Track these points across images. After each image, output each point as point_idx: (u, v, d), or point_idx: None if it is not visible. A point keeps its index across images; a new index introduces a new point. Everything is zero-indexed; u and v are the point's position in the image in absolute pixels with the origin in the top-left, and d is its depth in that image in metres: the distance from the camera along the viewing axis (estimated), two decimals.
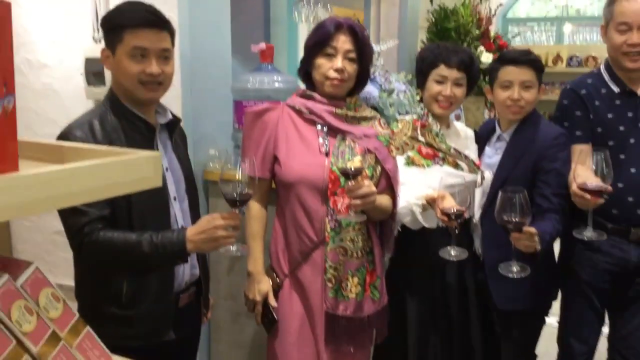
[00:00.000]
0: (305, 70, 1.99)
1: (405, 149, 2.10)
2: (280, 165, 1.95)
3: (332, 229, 1.92)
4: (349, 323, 1.99)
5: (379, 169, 1.98)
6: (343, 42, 1.91)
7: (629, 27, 2.07)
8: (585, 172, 1.81)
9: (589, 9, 7.43)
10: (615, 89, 2.15)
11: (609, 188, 1.77)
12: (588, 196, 1.77)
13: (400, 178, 2.03)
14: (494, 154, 2.21)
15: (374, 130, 2.01)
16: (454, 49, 2.18)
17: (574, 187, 1.82)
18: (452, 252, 1.88)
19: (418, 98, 2.27)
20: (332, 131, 1.96)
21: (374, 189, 1.82)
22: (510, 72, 2.13)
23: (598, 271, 2.16)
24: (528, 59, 2.15)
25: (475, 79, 2.19)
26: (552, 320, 2.37)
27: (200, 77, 2.42)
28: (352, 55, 1.93)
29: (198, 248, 1.67)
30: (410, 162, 2.08)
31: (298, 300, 2.02)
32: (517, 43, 5.55)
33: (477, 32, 3.64)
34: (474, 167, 2.12)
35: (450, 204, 1.81)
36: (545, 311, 2.27)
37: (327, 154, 1.94)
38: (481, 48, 3.55)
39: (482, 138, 2.29)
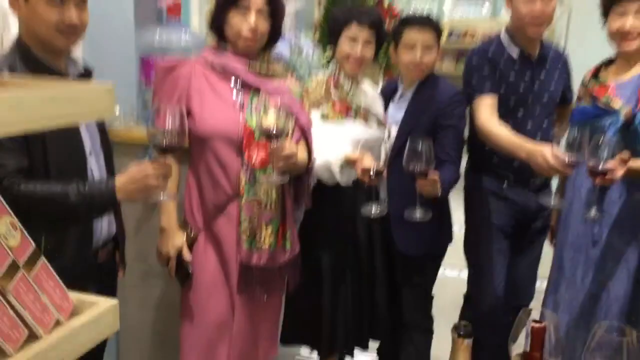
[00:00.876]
0: (218, 25, 2.00)
1: (319, 105, 2.19)
2: (194, 120, 1.95)
3: (247, 182, 1.97)
4: (263, 273, 2.06)
5: (292, 123, 2.05)
6: None
7: None
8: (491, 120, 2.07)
9: None
10: (515, 54, 2.34)
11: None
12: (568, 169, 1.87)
13: (317, 133, 2.11)
14: (397, 111, 2.36)
15: (287, 85, 2.07)
16: (365, 9, 2.32)
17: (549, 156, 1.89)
18: (374, 209, 2.01)
19: (329, 57, 2.36)
20: (246, 86, 1.99)
21: (295, 149, 1.88)
22: (413, 34, 2.28)
23: (506, 217, 2.38)
24: (430, 22, 2.32)
25: (383, 39, 2.30)
26: (454, 272, 2.59)
27: (100, 32, 2.32)
28: (265, 10, 1.96)
29: (129, 197, 1.67)
30: (325, 117, 2.18)
31: (213, 253, 2.06)
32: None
33: (372, 1, 3.79)
34: (382, 124, 2.25)
35: (369, 163, 1.92)
36: (442, 256, 2.47)
37: (241, 109, 1.97)
38: None
39: (386, 97, 2.43)
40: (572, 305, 2.22)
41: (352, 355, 2.51)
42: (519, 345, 1.14)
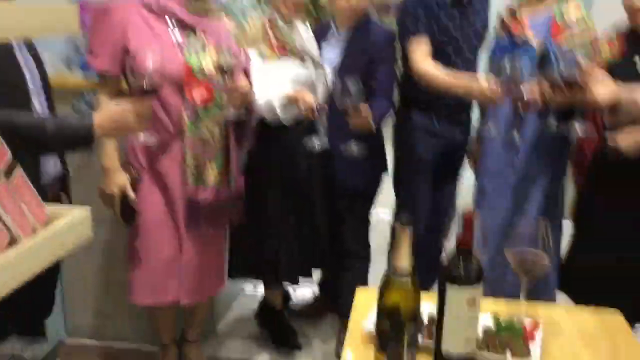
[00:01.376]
0: None
1: (257, 45, 2.22)
2: (133, 59, 1.96)
3: (190, 120, 2.02)
4: (208, 208, 2.14)
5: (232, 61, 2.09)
6: None
7: None
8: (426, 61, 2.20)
9: None
10: None
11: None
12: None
13: (256, 73, 2.16)
14: (331, 51, 2.43)
15: (223, 24, 2.11)
16: None
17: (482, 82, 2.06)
18: (317, 142, 2.09)
19: None
20: (183, 25, 2.01)
21: (248, 85, 1.94)
22: None
23: (435, 151, 2.52)
24: None
25: None
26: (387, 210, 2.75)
27: None
28: None
29: (108, 134, 1.66)
30: (263, 56, 2.22)
31: (157, 192, 2.11)
32: None
33: None
34: (318, 63, 2.33)
35: (311, 99, 2.00)
36: (378, 186, 2.63)
37: (179, 48, 1.99)
38: None
39: (318, 36, 2.48)
40: (493, 231, 2.39)
41: (296, 283, 2.65)
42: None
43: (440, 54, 2.36)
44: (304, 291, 3.13)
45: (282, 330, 2.77)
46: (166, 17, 2.00)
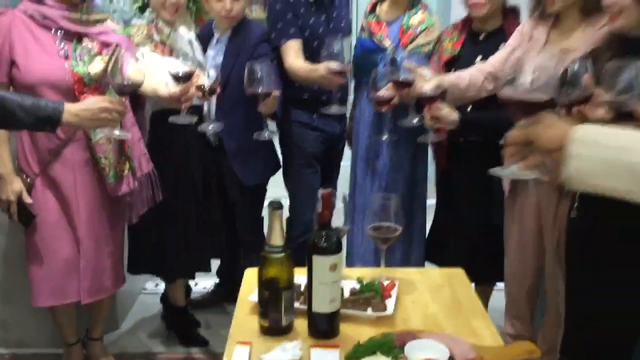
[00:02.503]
0: None
1: (143, 45, 2.35)
2: (19, 69, 2.04)
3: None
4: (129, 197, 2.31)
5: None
6: None
7: None
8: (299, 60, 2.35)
9: None
10: None
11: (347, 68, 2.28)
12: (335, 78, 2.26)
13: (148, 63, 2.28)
14: (215, 55, 2.59)
15: (109, 27, 2.21)
16: None
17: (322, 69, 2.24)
18: (210, 127, 2.20)
19: (139, 4, 2.50)
20: (69, 34, 2.10)
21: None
22: None
23: (317, 144, 2.71)
24: None
25: None
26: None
27: None
28: None
29: (79, 122, 1.80)
30: (153, 50, 2.36)
31: (52, 196, 2.19)
32: None
33: None
34: (200, 64, 2.47)
35: (203, 80, 2.09)
36: (267, 182, 2.82)
37: (66, 57, 2.09)
38: None
39: (203, 40, 2.63)
40: (363, 210, 2.66)
41: (192, 278, 2.83)
42: None
43: (311, 52, 2.54)
44: (205, 283, 3.28)
45: (187, 328, 2.89)
46: (51, 26, 2.08)
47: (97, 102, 1.81)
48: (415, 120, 2.09)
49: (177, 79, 2.00)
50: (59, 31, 2.09)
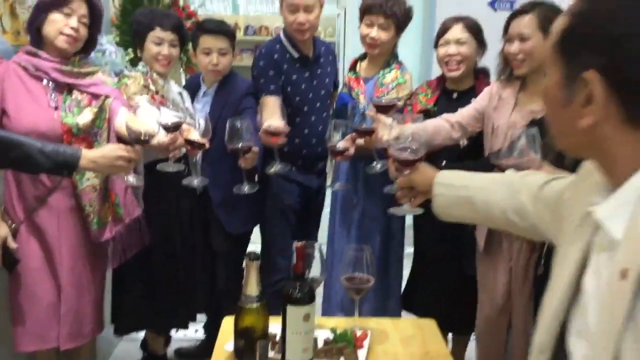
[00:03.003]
0: (37, 25, 2.14)
1: (141, 93, 2.43)
2: (9, 118, 2.10)
3: (77, 173, 2.15)
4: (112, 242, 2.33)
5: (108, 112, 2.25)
6: (79, 6, 2.14)
7: (296, 8, 2.55)
8: (272, 117, 2.30)
9: None
10: (295, 54, 2.67)
11: (285, 129, 2.22)
12: (270, 138, 2.24)
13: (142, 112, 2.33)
14: (202, 108, 2.69)
15: (100, 79, 2.29)
16: (166, 13, 2.58)
17: (260, 131, 2.25)
18: (195, 182, 2.20)
19: (130, 57, 2.61)
20: (60, 86, 2.18)
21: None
22: (209, 41, 2.61)
23: (294, 196, 2.77)
24: (223, 29, 2.65)
25: (186, 40, 2.62)
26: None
27: None
28: (85, 20, 2.17)
29: (95, 168, 1.96)
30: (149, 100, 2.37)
31: (36, 242, 2.23)
32: (202, 12, 6.07)
33: (168, 0, 4.06)
34: (191, 114, 2.57)
35: (195, 136, 2.12)
36: (250, 233, 2.88)
37: (56, 108, 2.15)
38: None
39: (191, 91, 2.75)
40: (341, 259, 2.71)
41: (186, 327, 2.86)
42: None
43: (295, 109, 2.63)
44: (185, 331, 3.27)
45: None
46: (43, 78, 2.15)
47: (114, 150, 1.94)
48: (379, 166, 2.13)
49: (167, 128, 2.06)
50: (50, 82, 2.16)
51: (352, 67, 2.78)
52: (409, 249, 2.79)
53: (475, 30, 2.48)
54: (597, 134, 0.90)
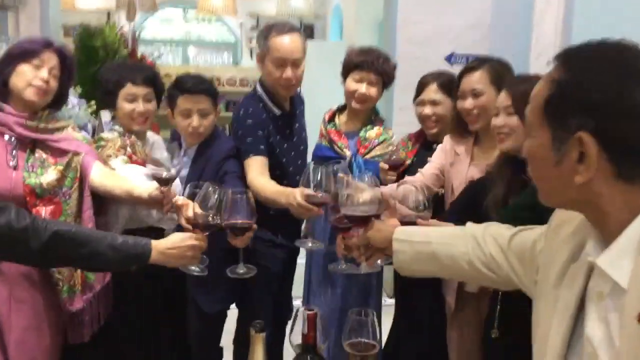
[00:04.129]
0: (3, 79, 2.00)
1: (117, 155, 2.21)
2: None
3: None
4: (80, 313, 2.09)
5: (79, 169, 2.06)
6: (50, 58, 2.01)
7: (284, 62, 2.39)
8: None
9: (208, 35, 8.39)
10: (277, 112, 2.50)
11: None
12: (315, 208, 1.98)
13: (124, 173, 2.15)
14: (180, 166, 2.39)
15: (70, 134, 2.13)
16: (136, 67, 2.38)
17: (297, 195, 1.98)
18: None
19: (93, 109, 2.44)
20: (22, 143, 2.01)
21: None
22: (188, 101, 2.32)
23: (277, 260, 2.57)
24: (204, 88, 2.36)
25: (162, 92, 2.40)
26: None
27: None
28: (56, 72, 2.04)
29: (164, 261, 1.74)
30: (126, 162, 2.21)
31: None
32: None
33: (125, 51, 3.94)
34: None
35: (195, 211, 1.85)
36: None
37: (15, 167, 1.98)
38: None
39: (171, 148, 2.50)
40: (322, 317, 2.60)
41: None
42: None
43: (277, 167, 2.47)
44: None
45: None
46: (4, 133, 1.98)
47: (184, 240, 1.77)
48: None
49: (160, 181, 1.92)
50: (13, 138, 2.00)
51: (331, 119, 2.73)
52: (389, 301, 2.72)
53: (448, 88, 2.49)
54: (589, 189, 0.97)
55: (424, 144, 2.57)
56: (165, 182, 1.92)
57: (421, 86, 2.56)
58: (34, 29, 4.01)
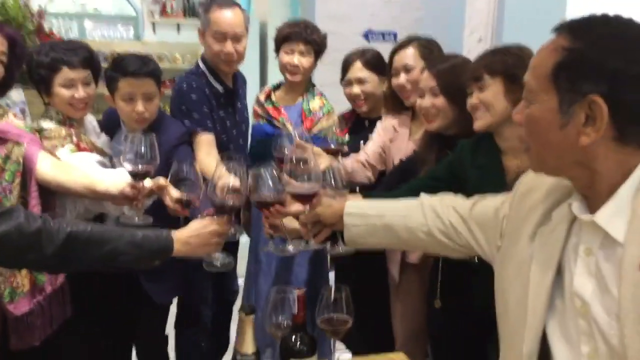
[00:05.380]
0: None
1: (64, 144, 2.07)
2: None
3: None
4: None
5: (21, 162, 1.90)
6: None
7: (223, 36, 2.42)
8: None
9: (105, 8, 7.93)
10: (220, 89, 2.54)
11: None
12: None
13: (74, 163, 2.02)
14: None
15: (10, 121, 1.97)
16: (71, 47, 2.14)
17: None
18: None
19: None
20: None
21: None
22: (130, 85, 2.15)
23: None
24: (148, 70, 2.18)
25: (99, 72, 2.23)
26: None
27: None
28: (4, 58, 1.91)
29: (189, 251, 1.61)
30: (74, 150, 2.08)
31: None
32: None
33: (31, 27, 3.66)
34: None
35: (178, 194, 1.85)
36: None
37: None
38: (39, 43, 3.59)
39: (108, 129, 2.34)
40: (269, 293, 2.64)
41: None
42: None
43: (219, 144, 2.47)
44: None
45: None
46: None
47: (206, 226, 1.63)
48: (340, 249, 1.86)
49: (136, 176, 1.80)
50: None
51: (267, 98, 2.72)
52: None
53: (373, 65, 2.56)
54: (588, 151, 1.05)
55: (356, 123, 2.62)
56: (142, 176, 1.82)
57: (346, 65, 2.61)
58: None
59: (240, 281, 2.90)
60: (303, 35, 2.59)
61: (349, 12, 4.30)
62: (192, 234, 1.62)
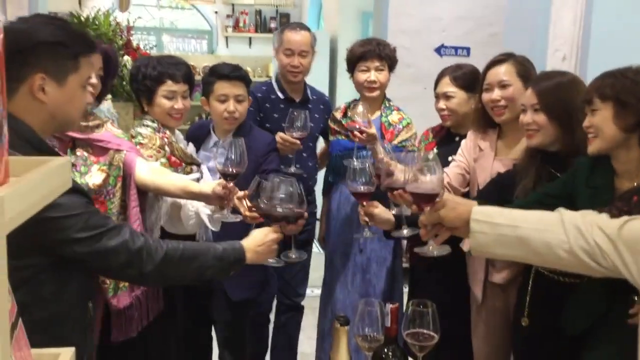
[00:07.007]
0: None
1: (157, 157, 2.20)
2: None
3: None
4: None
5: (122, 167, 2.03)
6: (97, 60, 1.94)
7: (292, 52, 2.83)
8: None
9: (181, 23, 8.25)
10: (281, 96, 2.89)
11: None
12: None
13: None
14: (211, 159, 2.41)
15: (109, 132, 2.08)
16: (174, 62, 2.31)
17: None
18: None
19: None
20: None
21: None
22: (225, 87, 2.40)
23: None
24: (240, 75, 2.45)
25: (193, 88, 2.38)
26: None
27: None
28: (101, 72, 2.03)
29: (257, 259, 1.76)
30: (166, 164, 2.20)
31: None
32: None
33: (121, 41, 3.86)
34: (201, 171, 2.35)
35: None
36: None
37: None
38: (126, 57, 3.79)
39: (197, 139, 2.51)
40: (345, 304, 2.69)
41: None
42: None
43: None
44: None
45: None
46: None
47: (268, 235, 1.78)
48: (405, 232, 2.02)
49: (227, 176, 1.91)
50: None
51: (345, 114, 2.78)
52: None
53: (462, 81, 2.54)
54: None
55: (446, 137, 2.62)
56: (232, 177, 1.92)
57: (438, 78, 2.62)
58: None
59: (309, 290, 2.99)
60: (377, 52, 2.68)
61: (420, 27, 4.30)
62: (259, 243, 1.76)
